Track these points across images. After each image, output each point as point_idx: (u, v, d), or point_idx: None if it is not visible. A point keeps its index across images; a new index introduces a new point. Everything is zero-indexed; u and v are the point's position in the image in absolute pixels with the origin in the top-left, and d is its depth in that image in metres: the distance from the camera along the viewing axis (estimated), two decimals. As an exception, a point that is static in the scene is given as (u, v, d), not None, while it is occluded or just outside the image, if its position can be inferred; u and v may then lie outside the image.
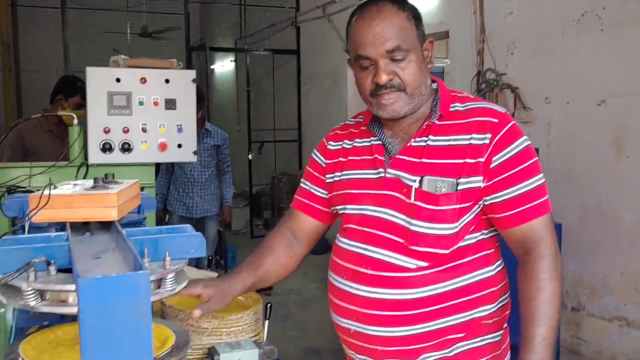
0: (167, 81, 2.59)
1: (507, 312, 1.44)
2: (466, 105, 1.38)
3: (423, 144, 1.37)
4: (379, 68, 1.32)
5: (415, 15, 1.36)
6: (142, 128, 2.56)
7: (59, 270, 1.03)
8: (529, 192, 1.31)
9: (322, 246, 5.63)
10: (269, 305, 1.65)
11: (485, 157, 1.31)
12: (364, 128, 1.49)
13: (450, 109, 1.38)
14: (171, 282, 1.06)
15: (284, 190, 7.87)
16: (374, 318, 1.36)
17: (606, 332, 3.80)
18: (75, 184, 1.38)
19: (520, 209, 1.31)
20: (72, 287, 0.96)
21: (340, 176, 1.50)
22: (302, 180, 1.64)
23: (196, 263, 3.29)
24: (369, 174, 1.43)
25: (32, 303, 0.97)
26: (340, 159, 1.51)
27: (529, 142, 1.34)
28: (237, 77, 10.68)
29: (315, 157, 1.60)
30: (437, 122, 1.37)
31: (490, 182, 1.31)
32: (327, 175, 1.54)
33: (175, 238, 1.17)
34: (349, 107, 6.94)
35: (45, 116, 3.13)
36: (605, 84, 3.71)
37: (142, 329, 0.86)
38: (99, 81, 2.49)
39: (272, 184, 8.49)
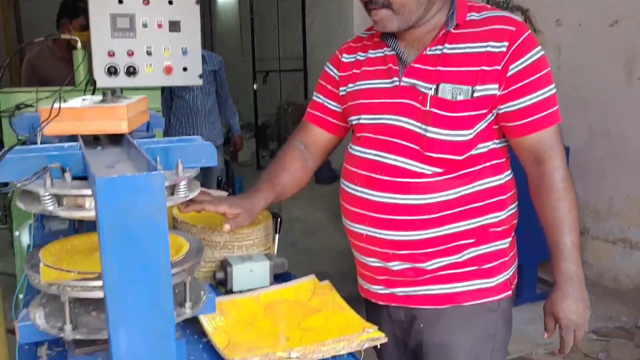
0: (170, 2, 2.53)
1: (515, 221, 1.48)
2: (482, 14, 1.37)
3: (438, 52, 1.37)
4: None
5: None
6: (147, 51, 2.52)
7: (74, 178, 1.05)
8: (542, 101, 1.33)
9: (329, 176, 5.68)
10: (279, 219, 1.68)
11: (502, 64, 1.31)
12: (377, 39, 1.49)
13: (467, 18, 1.37)
14: (184, 190, 1.08)
15: (290, 120, 7.83)
16: (386, 222, 1.40)
17: (609, 255, 3.87)
18: (84, 99, 1.38)
19: (533, 117, 1.33)
20: (89, 191, 0.98)
21: (353, 87, 1.50)
22: (314, 93, 1.64)
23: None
24: (384, 83, 1.43)
25: (50, 208, 0.99)
26: (354, 70, 1.52)
27: (543, 52, 1.34)
28: (240, 5, 10.44)
29: (328, 69, 1.60)
30: (453, 30, 1.37)
31: (507, 91, 1.33)
32: (341, 88, 1.55)
33: (186, 147, 1.18)
34: (355, 32, 6.80)
35: (49, 39, 3.09)
36: (618, 4, 3.62)
37: (159, 228, 0.89)
38: (100, 3, 2.44)
39: (277, 115, 8.45)
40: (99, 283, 1.02)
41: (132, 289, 0.89)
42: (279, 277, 1.60)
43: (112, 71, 2.49)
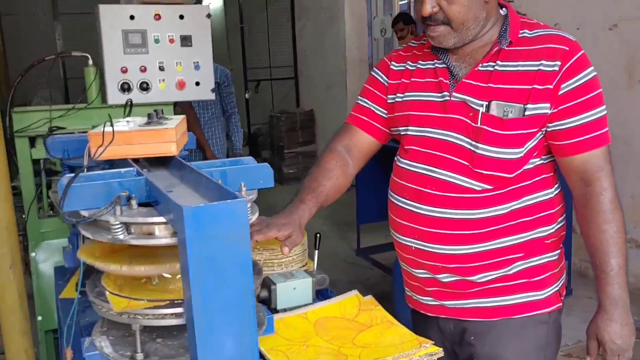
0: (181, 17, 2.52)
1: (563, 233, 1.48)
2: (535, 32, 1.37)
3: (491, 68, 1.37)
4: (424, 0, 1.33)
5: None
6: (160, 66, 2.51)
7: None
8: (593, 122, 1.32)
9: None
10: (318, 235, 1.68)
11: (554, 84, 1.31)
12: (427, 50, 1.48)
13: (520, 35, 1.37)
14: (249, 212, 1.07)
15: (283, 128, 7.82)
16: (435, 236, 1.40)
17: (614, 254, 3.91)
18: (128, 121, 1.36)
19: (582, 138, 1.33)
20: (162, 219, 0.97)
21: (402, 97, 1.50)
22: (360, 97, 1.62)
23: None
24: (434, 96, 1.43)
25: (121, 237, 0.98)
26: (403, 80, 1.51)
27: (595, 73, 1.33)
28: (226, 14, 10.41)
29: (376, 75, 1.58)
30: (505, 48, 1.36)
31: (557, 110, 1.32)
32: (389, 95, 1.54)
33: (245, 169, 1.17)
34: (347, 41, 6.83)
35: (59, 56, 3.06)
36: (617, 7, 3.67)
37: (243, 254, 0.88)
38: (112, 19, 2.42)
39: (270, 123, 8.43)
40: (172, 310, 1.01)
41: (219, 315, 0.88)
42: (318, 294, 1.59)
43: (125, 87, 2.47)
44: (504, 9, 1.42)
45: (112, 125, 1.20)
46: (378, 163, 1.95)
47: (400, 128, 1.51)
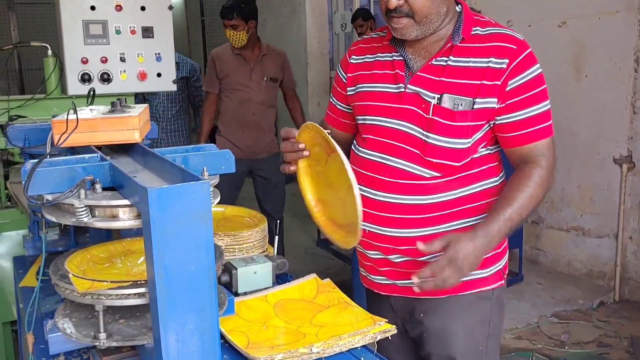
0: (142, 8, 2.54)
1: None
2: (487, 30, 1.44)
3: (443, 63, 1.44)
4: None
5: None
6: (121, 57, 2.52)
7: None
8: (537, 115, 1.41)
9: (287, 175, 5.68)
10: (278, 221, 1.73)
11: (502, 80, 1.39)
12: (386, 43, 1.55)
13: (472, 32, 1.44)
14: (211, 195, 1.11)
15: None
16: (388, 220, 1.48)
17: (563, 242, 4.09)
18: (91, 109, 1.39)
19: (528, 130, 1.41)
20: (125, 202, 1.01)
21: (361, 88, 1.57)
22: (330, 94, 1.72)
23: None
24: (390, 87, 1.50)
25: (85, 219, 1.02)
26: (362, 72, 1.58)
27: (541, 70, 1.42)
28: (186, 6, 10.32)
29: (339, 72, 1.66)
30: (458, 44, 1.43)
31: (504, 104, 1.41)
32: (348, 89, 1.61)
33: (207, 155, 1.22)
34: (308, 35, 6.87)
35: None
36: (566, 5, 3.83)
37: (205, 234, 0.93)
38: (72, 9, 2.42)
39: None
40: (134, 290, 1.05)
41: (181, 294, 0.93)
42: (278, 278, 1.65)
43: (85, 78, 2.48)
44: (459, 5, 1.49)
45: (75, 112, 1.22)
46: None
47: (359, 117, 1.58)
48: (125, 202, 1.01)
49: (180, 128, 4.43)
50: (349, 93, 1.61)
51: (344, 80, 1.63)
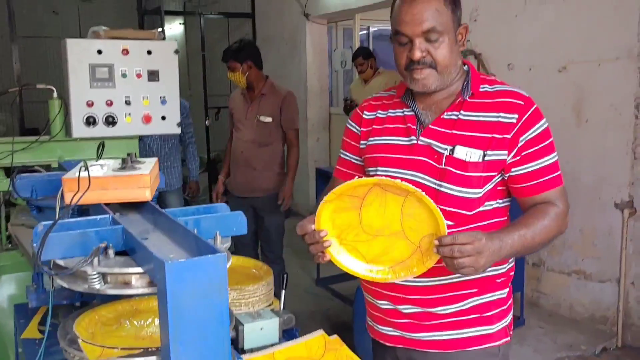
0: (149, 52, 2.55)
1: (512, 273, 1.62)
2: (494, 87, 1.52)
3: (454, 117, 1.50)
4: (414, 46, 1.44)
5: (453, 1, 1.46)
6: (126, 100, 2.53)
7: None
8: (548, 166, 1.48)
9: (287, 211, 5.66)
10: (285, 275, 1.71)
11: (512, 134, 1.45)
12: (397, 100, 1.60)
13: (480, 89, 1.52)
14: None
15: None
16: None
17: (565, 285, 4.06)
18: (101, 165, 1.38)
19: (541, 179, 1.47)
20: (139, 269, 0.99)
21: (373, 141, 1.61)
22: (341, 150, 1.74)
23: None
24: (402, 140, 1.55)
25: (98, 287, 1.00)
26: (375, 126, 1.62)
27: (548, 124, 1.49)
28: (187, 40, 10.43)
29: (350, 126, 1.69)
30: (468, 99, 1.50)
31: (518, 157, 1.46)
32: (362, 142, 1.65)
33: (220, 217, 1.21)
34: (308, 71, 6.94)
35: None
36: (566, 50, 3.88)
37: (221, 305, 0.91)
38: (79, 53, 2.43)
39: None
40: (145, 359, 1.03)
41: (197, 366, 0.90)
42: (284, 333, 1.62)
43: (90, 121, 2.48)
44: (466, 66, 1.56)
45: (87, 170, 1.21)
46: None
47: (370, 169, 1.60)
48: (139, 269, 1.00)
49: (173, 165, 4.62)
50: (361, 146, 1.65)
51: (358, 133, 1.66)
